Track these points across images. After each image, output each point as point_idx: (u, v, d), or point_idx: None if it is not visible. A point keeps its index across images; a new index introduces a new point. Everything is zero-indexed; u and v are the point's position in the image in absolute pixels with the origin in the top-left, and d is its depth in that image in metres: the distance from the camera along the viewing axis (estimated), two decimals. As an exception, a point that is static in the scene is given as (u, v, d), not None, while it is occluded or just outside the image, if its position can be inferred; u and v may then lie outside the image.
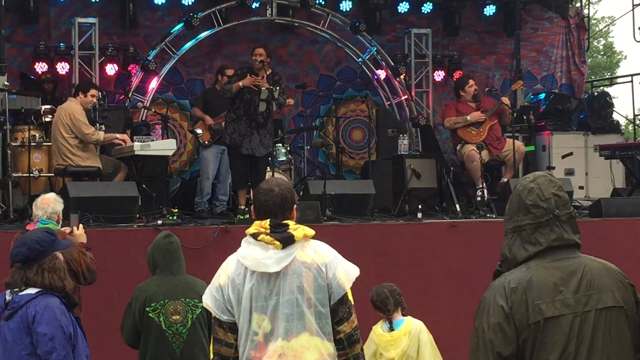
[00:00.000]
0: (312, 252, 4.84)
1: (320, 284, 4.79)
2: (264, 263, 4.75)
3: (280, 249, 4.75)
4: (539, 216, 4.04)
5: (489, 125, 13.56)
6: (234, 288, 4.80)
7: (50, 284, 5.40)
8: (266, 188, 4.93)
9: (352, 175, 15.83)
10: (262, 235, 4.77)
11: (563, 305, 3.94)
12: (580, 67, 17.75)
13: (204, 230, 10.44)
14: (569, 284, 3.97)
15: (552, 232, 4.04)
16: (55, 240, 5.61)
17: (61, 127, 11.35)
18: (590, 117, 16.12)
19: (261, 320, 4.76)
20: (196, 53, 15.27)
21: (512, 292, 3.95)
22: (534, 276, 3.97)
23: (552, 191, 4.08)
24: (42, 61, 14.20)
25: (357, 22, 15.47)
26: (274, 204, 4.86)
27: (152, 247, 7.15)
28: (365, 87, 15.98)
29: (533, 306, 3.93)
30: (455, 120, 13.62)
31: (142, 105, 14.27)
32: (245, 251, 4.83)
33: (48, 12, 14.68)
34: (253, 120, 11.96)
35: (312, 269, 4.79)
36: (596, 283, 3.97)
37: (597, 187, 14.92)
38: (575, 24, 17.67)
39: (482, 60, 17.11)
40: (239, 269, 4.81)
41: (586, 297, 3.95)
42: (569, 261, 4.01)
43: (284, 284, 4.76)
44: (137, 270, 9.92)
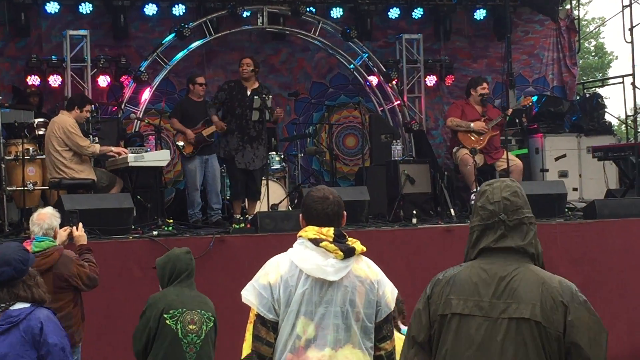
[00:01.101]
0: (366, 267, 4.91)
1: (371, 299, 4.85)
2: (325, 270, 4.78)
3: (341, 259, 4.80)
4: (485, 218, 4.10)
5: (490, 135, 13.58)
6: (286, 289, 4.79)
7: (40, 297, 5.44)
8: (321, 196, 4.97)
9: (347, 182, 15.86)
10: (325, 242, 4.81)
11: (476, 306, 3.98)
12: (572, 69, 17.80)
13: (200, 240, 10.45)
14: (489, 288, 4.00)
15: (495, 235, 4.07)
16: (30, 256, 5.66)
17: (54, 140, 11.34)
18: (583, 118, 16.16)
19: (307, 325, 4.78)
20: (188, 63, 15.28)
21: (437, 283, 4.09)
22: (460, 273, 4.07)
23: (502, 195, 4.11)
24: (34, 74, 14.20)
25: (348, 29, 15.50)
26: (332, 211, 4.92)
27: (171, 260, 7.04)
28: (358, 94, 16.02)
29: (446, 299, 4.03)
30: (458, 123, 13.62)
31: (135, 116, 14.28)
32: (302, 254, 4.84)
33: (39, 25, 14.71)
34: (245, 134, 12.01)
35: (365, 284, 4.85)
36: (518, 293, 3.96)
37: (591, 188, 14.95)
38: (566, 26, 17.72)
39: (474, 65, 17.15)
40: (292, 271, 4.82)
41: (505, 304, 3.96)
42: (500, 266, 4.03)
43: (336, 295, 4.80)
44: (133, 282, 9.95)
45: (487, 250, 4.06)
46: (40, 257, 7.31)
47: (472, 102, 13.82)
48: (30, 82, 14.15)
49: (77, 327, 7.70)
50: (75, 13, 14.69)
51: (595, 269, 11.47)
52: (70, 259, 7.55)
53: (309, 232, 4.87)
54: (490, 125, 13.54)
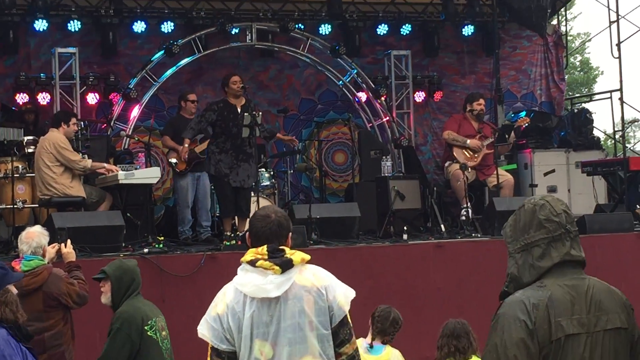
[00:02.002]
0: (311, 276, 4.84)
1: (321, 306, 4.79)
2: (265, 288, 4.73)
3: (279, 273, 4.74)
4: (553, 230, 4.05)
5: (485, 153, 13.56)
6: (234, 316, 4.76)
7: (2, 316, 5.38)
8: (263, 215, 4.93)
9: (336, 198, 15.83)
10: (260, 262, 4.76)
11: (579, 324, 3.95)
12: (560, 84, 17.86)
13: (190, 258, 10.42)
14: (582, 304, 3.98)
15: (564, 247, 4.04)
16: (6, 274, 5.59)
17: (44, 156, 11.29)
18: (571, 134, 16.20)
19: (263, 346, 4.74)
20: (177, 80, 15.26)
21: (535, 308, 3.94)
22: (553, 294, 3.97)
23: (562, 208, 4.11)
24: (23, 92, 14.19)
25: (337, 45, 15.51)
26: (270, 230, 4.85)
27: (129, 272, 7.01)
28: (347, 110, 16.01)
29: (555, 323, 3.92)
30: (455, 138, 13.61)
31: (125, 133, 14.23)
32: (243, 279, 4.80)
33: (28, 43, 14.68)
34: (241, 153, 11.94)
35: (312, 292, 4.79)
36: (604, 304, 4.00)
37: (580, 203, 14.94)
38: (553, 41, 17.79)
39: (462, 80, 17.17)
40: (237, 297, 4.79)
41: (595, 317, 3.97)
42: (579, 281, 4.03)
43: (285, 309, 4.75)
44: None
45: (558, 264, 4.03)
46: (30, 276, 7.26)
47: (469, 117, 13.82)
48: (19, 100, 14.14)
49: (68, 345, 7.63)
50: (64, 31, 14.65)
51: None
52: (60, 277, 7.49)
53: (247, 255, 4.83)
54: (485, 143, 13.52)
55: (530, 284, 4.03)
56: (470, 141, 13.55)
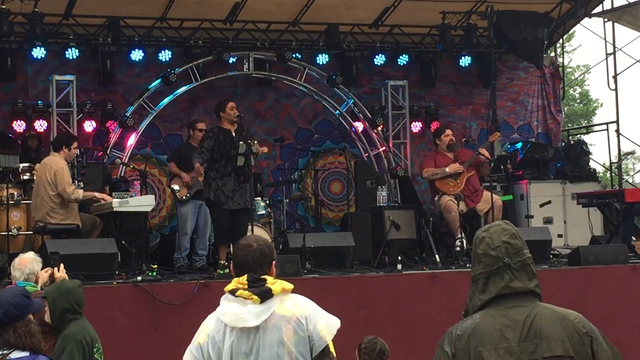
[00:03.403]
0: (292, 306, 4.82)
1: (301, 336, 4.76)
2: (243, 318, 4.73)
3: (258, 303, 4.73)
4: (489, 265, 4.06)
5: (467, 176, 13.62)
6: (214, 345, 4.77)
7: (30, 346, 5.36)
8: (245, 244, 4.93)
9: (332, 228, 15.84)
10: (240, 291, 4.75)
11: (507, 353, 3.94)
12: (556, 115, 17.91)
13: (184, 286, 10.43)
14: (515, 332, 3.97)
15: (502, 280, 4.04)
16: (30, 303, 5.58)
17: (46, 185, 11.31)
18: (568, 165, 16.23)
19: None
20: (174, 108, 15.34)
21: (457, 339, 3.99)
22: (480, 324, 3.99)
23: (502, 239, 4.09)
24: (20, 119, 14.23)
25: (334, 75, 15.61)
26: (252, 259, 4.84)
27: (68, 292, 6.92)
28: (343, 140, 15.95)
29: (475, 353, 3.95)
30: (434, 172, 13.68)
31: (121, 161, 14.26)
32: (224, 308, 4.80)
33: (25, 70, 14.75)
34: (242, 175, 12.01)
35: (291, 322, 4.76)
36: (545, 331, 3.97)
37: (575, 235, 14.98)
38: (550, 73, 17.87)
39: (459, 111, 17.25)
40: (218, 326, 4.79)
41: (533, 345, 3.95)
42: (518, 309, 4.01)
43: (264, 339, 4.74)
44: (117, 327, 9.90)
45: (498, 297, 4.03)
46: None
47: (441, 150, 13.89)
48: (17, 127, 14.16)
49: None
50: (62, 58, 14.72)
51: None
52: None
53: (230, 284, 4.84)
54: (465, 167, 13.59)
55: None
56: (449, 167, 13.61)
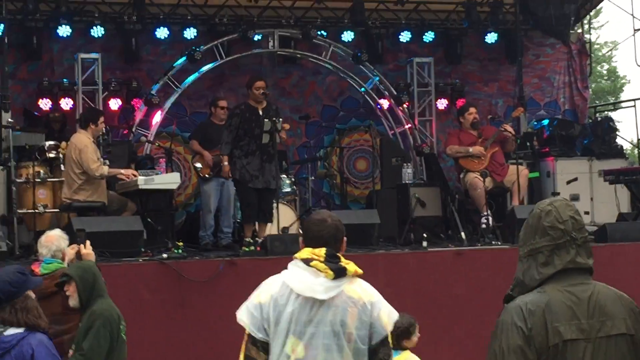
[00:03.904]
0: (360, 289, 4.85)
1: (364, 320, 4.79)
2: (314, 288, 4.76)
3: (331, 278, 4.77)
4: (557, 238, 4.03)
5: (491, 152, 13.58)
6: (276, 308, 4.77)
7: (26, 323, 5.40)
8: (319, 218, 5.01)
9: (358, 205, 15.82)
10: (315, 262, 4.80)
11: (578, 329, 3.93)
12: (583, 92, 17.80)
13: (210, 263, 10.47)
14: (582, 309, 3.96)
15: (568, 255, 4.02)
16: (26, 279, 5.61)
17: (72, 163, 11.41)
18: (594, 142, 16.15)
19: (296, 344, 4.75)
20: (199, 86, 15.34)
21: (531, 314, 3.92)
22: (551, 299, 3.96)
23: (569, 214, 4.07)
24: (46, 97, 14.25)
25: (359, 52, 15.55)
26: (328, 233, 4.92)
27: (90, 269, 6.98)
28: (369, 117, 16.05)
29: (552, 328, 3.91)
30: (457, 150, 13.64)
31: (146, 139, 14.29)
32: (294, 274, 4.84)
33: (51, 49, 14.79)
34: (265, 154, 11.98)
35: (358, 305, 4.79)
36: (609, 309, 3.97)
37: (602, 212, 14.90)
38: (577, 49, 17.74)
39: (485, 88, 17.17)
40: (283, 290, 4.81)
41: (599, 322, 3.95)
42: (583, 287, 4.00)
43: (325, 315, 4.77)
44: (142, 304, 9.96)
45: (562, 272, 4.00)
46: (49, 279, 7.30)
47: (465, 128, 13.84)
48: (42, 105, 14.20)
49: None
50: (87, 36, 14.74)
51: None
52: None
53: (302, 253, 4.88)
54: (488, 143, 13.55)
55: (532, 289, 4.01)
56: (473, 148, 13.57)
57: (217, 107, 13.27)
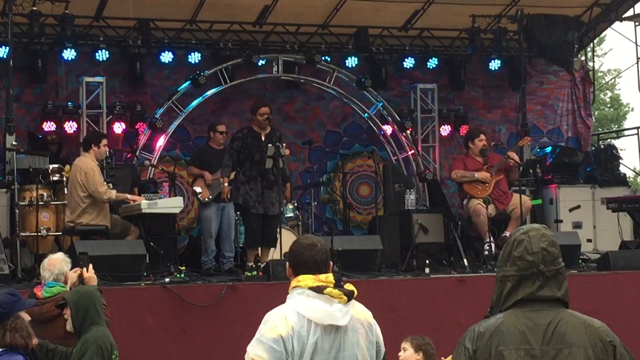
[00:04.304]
0: (361, 310, 4.91)
1: (371, 340, 4.86)
2: (334, 316, 4.74)
3: (344, 303, 4.78)
4: (523, 269, 4.05)
5: (496, 180, 13.59)
6: (299, 340, 4.71)
7: (11, 342, 5.44)
8: (309, 243, 4.95)
9: (360, 231, 15.83)
10: (329, 289, 4.77)
11: (527, 355, 3.93)
12: (587, 120, 17.83)
13: (212, 288, 10.46)
14: (537, 335, 3.96)
15: (533, 286, 4.03)
16: (17, 301, 5.66)
17: (77, 186, 11.38)
18: (597, 169, 16.17)
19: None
20: (203, 110, 15.38)
21: (479, 336, 3.99)
22: (503, 323, 3.99)
23: (541, 246, 4.08)
24: (50, 120, 14.31)
25: (363, 78, 15.61)
26: (320, 258, 4.88)
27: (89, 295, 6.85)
28: (372, 143, 16.08)
29: (496, 352, 3.95)
30: (463, 174, 13.66)
31: (149, 163, 14.35)
32: (307, 303, 4.78)
33: (56, 72, 14.83)
34: (265, 180, 12.02)
35: (364, 326, 4.85)
36: (568, 338, 3.96)
37: (605, 240, 14.90)
38: (581, 77, 17.79)
39: (488, 115, 17.21)
40: (302, 322, 4.74)
41: (555, 350, 3.94)
42: (544, 313, 4.01)
43: (345, 339, 4.79)
44: (145, 328, 9.95)
45: (525, 300, 4.03)
46: (51, 303, 7.30)
47: (472, 154, 13.85)
48: (46, 128, 14.25)
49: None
50: (92, 60, 14.81)
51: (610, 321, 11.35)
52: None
53: (306, 280, 4.82)
54: (493, 170, 13.56)
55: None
56: (478, 174, 13.58)
57: (216, 132, 13.23)
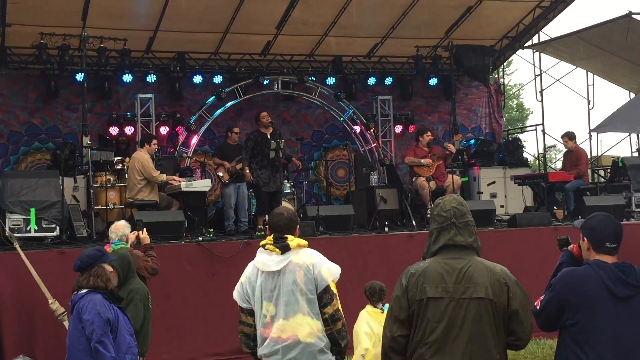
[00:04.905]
0: (304, 256, 4.87)
1: (309, 277, 4.82)
2: (268, 264, 4.82)
3: (279, 254, 4.81)
4: (440, 222, 4.08)
5: (437, 164, 13.55)
6: (250, 284, 4.87)
7: (94, 284, 5.41)
8: (278, 212, 5.01)
9: (338, 202, 15.82)
10: (268, 245, 4.87)
11: (444, 290, 3.94)
12: (499, 120, 17.83)
13: (232, 244, 10.41)
14: (452, 276, 3.96)
15: (449, 234, 4.05)
16: (102, 255, 5.63)
17: (135, 172, 11.38)
18: (507, 155, 16.16)
19: (268, 305, 4.80)
20: (224, 117, 15.29)
21: (411, 276, 4.02)
22: (428, 267, 4.01)
23: (452, 205, 4.10)
24: (114, 126, 14.27)
25: (339, 92, 15.58)
26: (283, 223, 4.92)
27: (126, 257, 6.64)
28: (346, 138, 16.06)
29: (421, 287, 3.97)
30: (413, 160, 13.59)
31: (187, 155, 14.30)
32: (257, 257, 4.93)
33: (118, 90, 14.76)
34: (273, 167, 12.03)
35: (302, 268, 4.83)
36: (475, 278, 3.96)
37: (513, 205, 14.92)
38: (494, 89, 17.78)
39: (429, 117, 17.17)
40: (253, 270, 4.90)
41: (464, 287, 3.94)
42: (459, 260, 4.01)
43: (283, 279, 4.81)
44: (185, 275, 9.92)
45: (444, 247, 4.02)
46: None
47: (421, 145, 13.79)
48: (112, 131, 14.19)
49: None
50: (144, 81, 14.73)
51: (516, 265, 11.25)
52: (138, 256, 7.51)
53: (263, 241, 4.93)
54: (434, 158, 13.51)
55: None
56: (424, 160, 13.51)
57: (232, 132, 13.17)
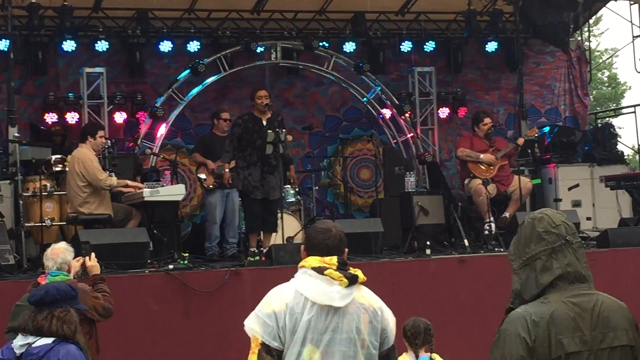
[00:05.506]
0: (367, 295, 4.90)
1: (375, 327, 4.84)
2: (331, 296, 4.77)
3: (345, 286, 4.79)
4: (552, 242, 4.00)
5: (500, 164, 13.55)
6: (292, 316, 4.75)
7: (58, 331, 5.37)
8: (324, 228, 5.00)
9: (361, 214, 15.82)
10: (329, 270, 4.81)
11: (581, 341, 3.90)
12: (584, 99, 17.80)
13: (215, 274, 10.45)
14: (585, 321, 3.93)
15: (566, 258, 3.99)
16: (75, 297, 5.62)
17: (75, 176, 11.35)
18: (595, 148, 16.15)
19: (313, 352, 4.76)
20: (203, 98, 15.36)
21: (535, 325, 3.88)
22: (556, 310, 3.92)
23: (561, 219, 4.06)
24: (52, 112, 14.30)
25: (361, 63, 15.58)
26: (333, 243, 4.91)
27: None
28: (371, 127, 16.04)
29: (556, 341, 3.87)
30: (468, 154, 13.60)
31: (151, 152, 14.33)
32: (306, 282, 4.83)
33: (56, 64, 14.82)
34: (266, 165, 11.97)
35: (368, 312, 4.84)
36: (611, 321, 3.95)
37: (604, 217, 14.90)
38: (577, 57, 17.75)
39: (486, 96, 17.18)
40: (297, 298, 4.79)
41: (602, 334, 3.92)
42: (586, 297, 3.98)
43: (342, 322, 4.79)
44: (149, 315, 9.97)
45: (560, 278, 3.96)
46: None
47: (478, 134, 13.81)
48: (48, 119, 14.24)
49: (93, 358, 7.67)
50: (92, 51, 14.79)
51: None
52: (85, 292, 7.50)
53: (311, 261, 4.87)
54: (499, 155, 13.52)
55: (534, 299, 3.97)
56: (484, 156, 13.54)
57: (220, 119, 13.21)
